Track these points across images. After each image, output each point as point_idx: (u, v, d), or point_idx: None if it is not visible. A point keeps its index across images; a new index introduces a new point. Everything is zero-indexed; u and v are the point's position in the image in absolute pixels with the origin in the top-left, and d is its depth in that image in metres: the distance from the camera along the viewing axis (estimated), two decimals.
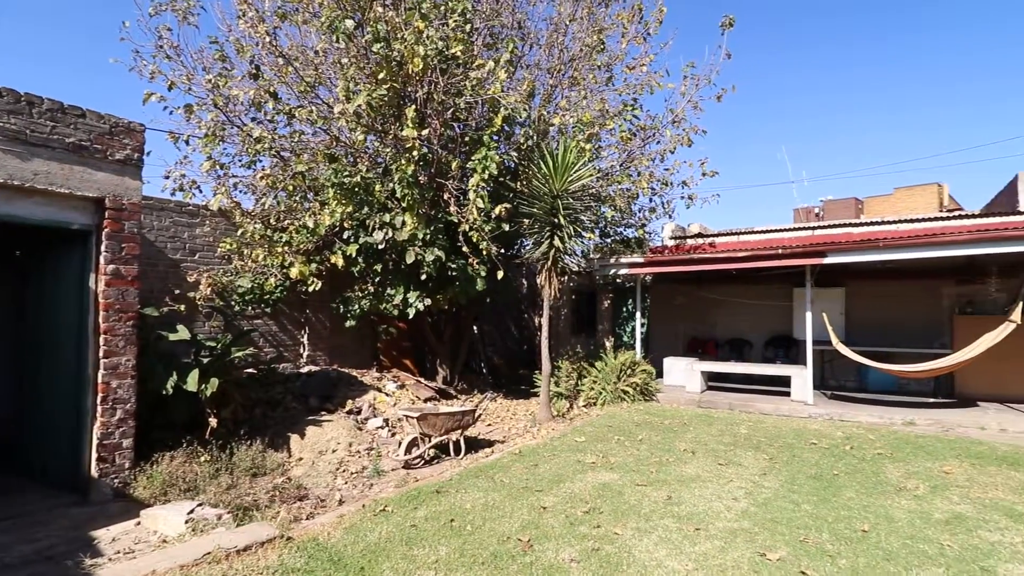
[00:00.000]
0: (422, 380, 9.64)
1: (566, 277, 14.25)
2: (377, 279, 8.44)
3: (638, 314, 10.66)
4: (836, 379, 10.48)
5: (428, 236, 7.71)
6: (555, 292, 8.59)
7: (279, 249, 7.57)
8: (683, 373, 10.12)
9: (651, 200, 10.48)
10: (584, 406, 9.26)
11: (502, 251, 8.68)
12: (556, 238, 8.25)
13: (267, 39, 7.39)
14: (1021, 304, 7.19)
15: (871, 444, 6.35)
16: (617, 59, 9.65)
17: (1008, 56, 53.34)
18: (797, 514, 4.17)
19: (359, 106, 6.98)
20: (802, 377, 8.72)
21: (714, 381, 10.67)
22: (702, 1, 63.22)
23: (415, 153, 7.34)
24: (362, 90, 7.16)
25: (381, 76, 7.09)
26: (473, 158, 7.69)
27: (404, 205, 7.46)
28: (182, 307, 7.00)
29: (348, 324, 8.68)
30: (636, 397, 9.36)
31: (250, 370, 7.55)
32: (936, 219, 11.16)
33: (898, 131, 61.43)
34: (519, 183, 9.03)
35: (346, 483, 5.62)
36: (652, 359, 11.26)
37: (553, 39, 9.21)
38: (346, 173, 7.48)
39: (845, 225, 12.60)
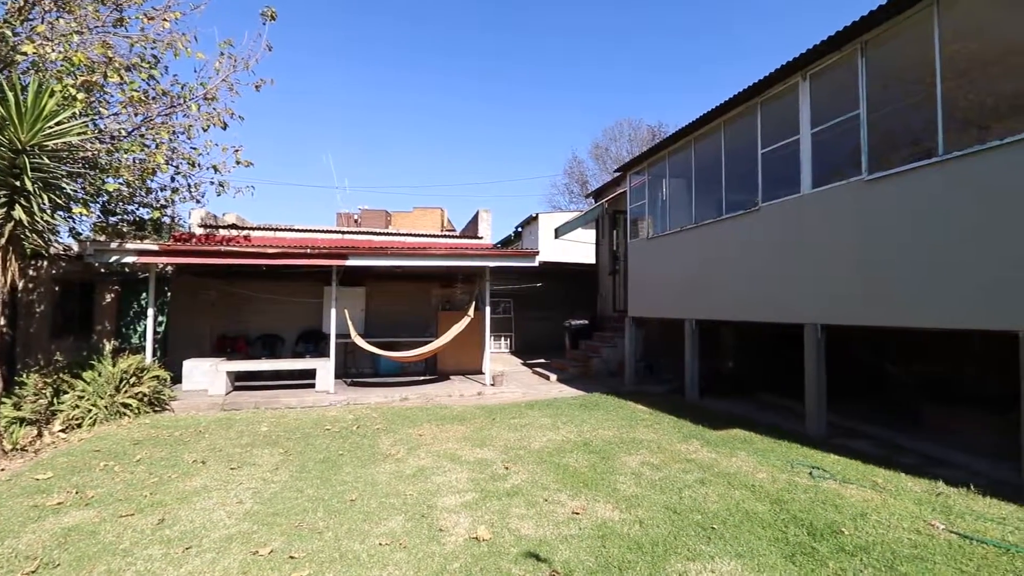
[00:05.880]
0: None
1: (45, 262, 10.88)
2: None
3: (151, 311, 9.07)
4: (356, 367, 11.86)
5: None
6: (14, 280, 6.31)
7: None
8: (206, 375, 9.26)
9: (174, 179, 9.13)
10: (63, 430, 7.17)
11: None
12: (19, 208, 6.08)
13: None
14: (474, 303, 10.00)
15: (374, 422, 7.47)
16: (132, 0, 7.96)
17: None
18: (299, 500, 4.44)
19: None
20: (326, 369, 9.44)
21: (244, 380, 10.25)
22: None
23: None
24: None
25: None
26: None
27: None
28: None
29: None
30: (143, 410, 7.96)
31: None
32: (434, 236, 14.22)
33: (428, 157, 75.46)
34: None
35: None
36: (171, 362, 9.88)
37: None
38: None
39: (376, 233, 14.45)
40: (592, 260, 16.23)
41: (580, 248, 18.31)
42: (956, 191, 5.00)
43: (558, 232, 14.53)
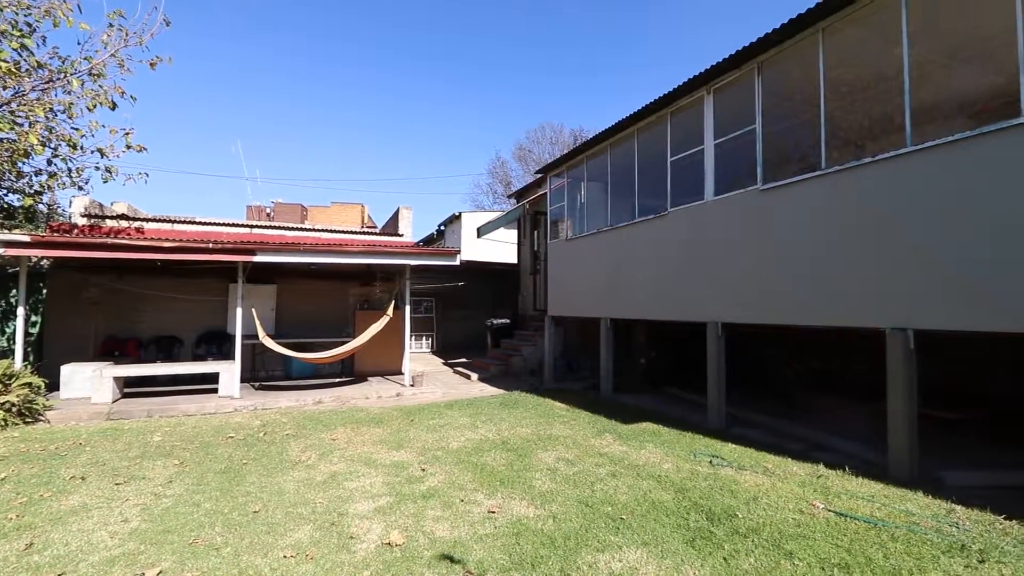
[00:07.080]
0: None
1: None
2: None
3: (21, 310, 8.03)
4: (266, 370, 11.20)
5: None
6: None
7: None
8: (89, 381, 8.36)
9: (51, 163, 8.17)
10: None
11: None
12: None
13: None
14: (393, 302, 9.76)
15: (283, 427, 7.08)
16: None
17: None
18: (195, 515, 4.11)
19: None
20: (230, 372, 8.82)
21: (135, 387, 9.34)
22: None
23: None
24: None
25: None
26: None
27: None
28: None
29: None
30: (11, 421, 7.07)
31: None
32: (352, 232, 13.73)
33: (349, 153, 72.75)
34: None
35: None
36: (47, 367, 8.86)
37: None
38: None
39: (290, 228, 13.70)
40: (514, 260, 16.39)
41: (502, 248, 18.43)
42: (836, 203, 5.55)
43: (480, 231, 14.54)
